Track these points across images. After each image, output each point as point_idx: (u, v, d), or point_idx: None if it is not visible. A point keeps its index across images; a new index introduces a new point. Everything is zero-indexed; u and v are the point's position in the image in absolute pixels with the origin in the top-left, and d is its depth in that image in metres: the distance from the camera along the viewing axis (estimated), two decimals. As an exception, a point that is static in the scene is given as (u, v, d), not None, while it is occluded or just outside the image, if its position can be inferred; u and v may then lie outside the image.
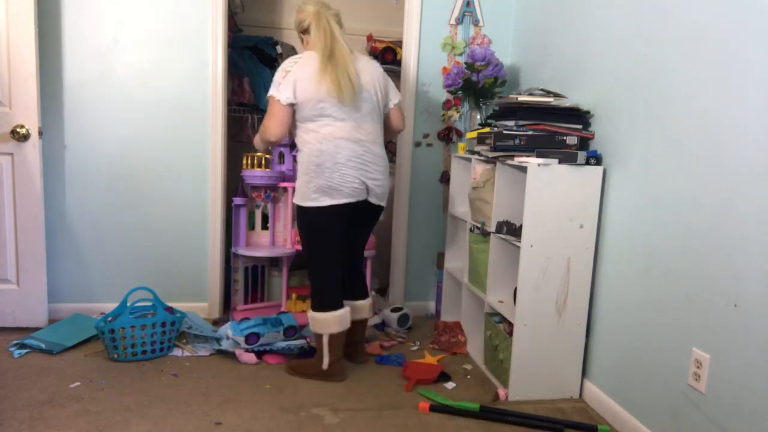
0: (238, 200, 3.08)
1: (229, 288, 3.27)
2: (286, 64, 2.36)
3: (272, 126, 2.33)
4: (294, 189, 3.13)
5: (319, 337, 2.42)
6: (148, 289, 2.63)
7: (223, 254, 3.17)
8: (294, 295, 3.19)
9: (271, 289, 3.31)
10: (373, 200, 2.43)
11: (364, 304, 2.66)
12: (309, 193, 2.32)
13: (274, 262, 3.28)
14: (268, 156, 3.06)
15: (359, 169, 2.34)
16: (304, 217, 2.37)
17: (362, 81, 2.37)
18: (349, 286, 2.62)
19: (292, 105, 2.32)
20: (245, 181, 3.06)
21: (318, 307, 2.41)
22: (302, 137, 2.36)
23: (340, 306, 2.43)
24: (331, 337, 2.40)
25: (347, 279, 2.61)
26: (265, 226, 3.22)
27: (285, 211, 3.21)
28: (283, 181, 3.13)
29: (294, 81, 2.30)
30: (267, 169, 3.04)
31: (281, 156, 3.23)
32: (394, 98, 2.52)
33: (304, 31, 2.44)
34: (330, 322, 2.39)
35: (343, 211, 2.36)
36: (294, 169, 3.20)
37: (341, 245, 2.44)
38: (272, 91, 2.33)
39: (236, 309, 3.13)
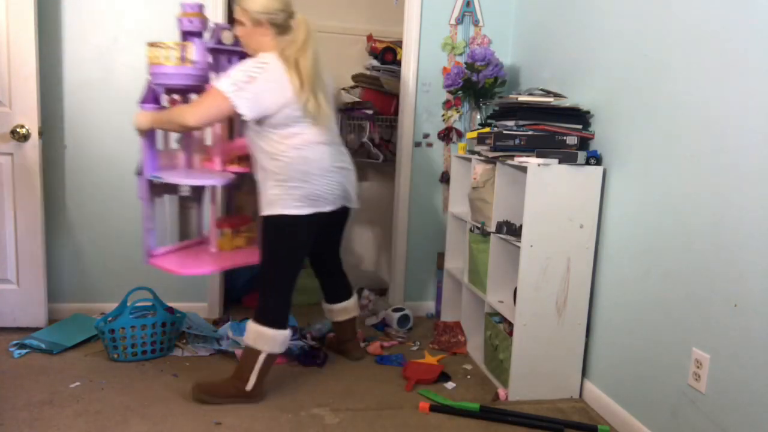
0: (147, 107, 2.29)
1: (229, 288, 3.26)
2: (251, 69, 2.07)
3: (202, 118, 2.05)
4: None
5: (254, 354, 2.20)
6: (148, 289, 2.63)
7: (223, 254, 3.16)
8: (228, 230, 2.59)
9: (189, 223, 2.71)
10: (351, 204, 2.38)
11: (350, 303, 2.66)
12: (291, 201, 2.15)
13: (195, 190, 2.67)
14: (188, 46, 2.28)
15: (341, 173, 2.27)
16: (279, 227, 2.19)
17: (327, 86, 2.25)
18: (333, 288, 2.62)
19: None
20: (154, 81, 2.30)
21: (270, 322, 2.20)
22: (276, 145, 2.15)
23: (287, 326, 2.28)
24: (269, 357, 2.23)
25: (330, 283, 2.61)
26: (177, 147, 2.60)
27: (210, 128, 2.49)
28: (208, 81, 2.33)
29: (260, 94, 2.05)
30: (187, 64, 2.27)
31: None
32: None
33: (278, 25, 2.13)
34: (277, 341, 2.22)
35: (322, 220, 2.25)
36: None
37: (304, 260, 2.33)
38: (228, 90, 2.01)
39: (152, 255, 2.43)
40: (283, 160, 2.14)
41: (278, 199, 2.16)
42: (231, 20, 3.39)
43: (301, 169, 2.14)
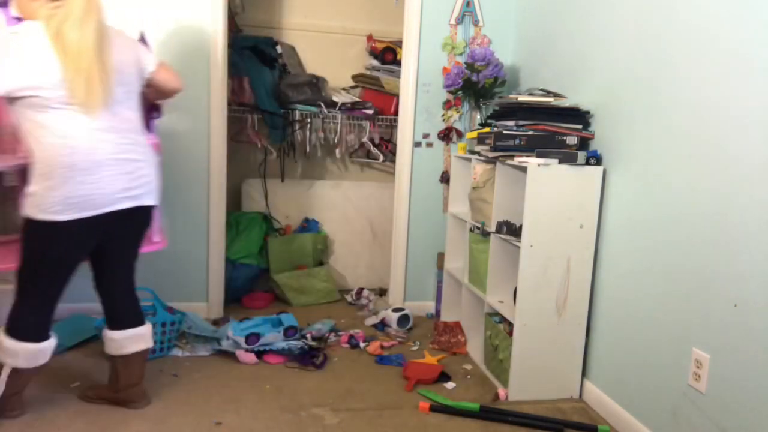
0: None
1: (229, 288, 3.26)
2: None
3: None
4: None
5: None
6: (148, 289, 2.63)
7: (223, 254, 3.17)
8: None
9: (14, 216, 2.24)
10: (147, 201, 1.99)
11: (142, 331, 2.14)
12: (48, 205, 1.79)
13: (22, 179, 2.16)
14: None
15: (125, 166, 1.89)
16: (36, 232, 1.85)
17: (115, 63, 1.88)
18: (120, 313, 2.12)
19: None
20: None
21: (11, 331, 1.90)
22: (34, 133, 1.79)
23: (43, 339, 1.95)
24: (14, 371, 1.92)
25: (116, 305, 2.12)
26: None
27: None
28: None
29: (1, 69, 1.74)
30: None
31: None
32: (151, 62, 2.05)
33: None
34: (20, 356, 1.90)
35: (97, 225, 1.89)
36: None
37: (74, 272, 1.97)
38: None
39: None
40: (43, 150, 1.79)
41: (33, 199, 1.81)
42: (231, 26, 3.40)
43: (66, 161, 1.78)
